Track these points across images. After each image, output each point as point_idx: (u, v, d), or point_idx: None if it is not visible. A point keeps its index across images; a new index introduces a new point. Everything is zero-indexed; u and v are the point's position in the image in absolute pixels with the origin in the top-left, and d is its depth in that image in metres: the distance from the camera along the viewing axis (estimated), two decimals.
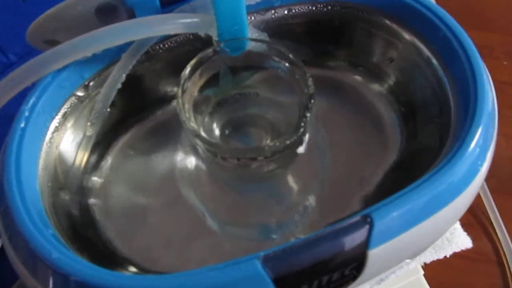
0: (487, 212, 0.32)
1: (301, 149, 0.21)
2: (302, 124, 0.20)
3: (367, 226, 0.17)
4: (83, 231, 0.21)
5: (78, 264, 0.16)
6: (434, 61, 0.22)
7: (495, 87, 0.21)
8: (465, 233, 0.30)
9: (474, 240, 0.29)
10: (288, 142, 0.19)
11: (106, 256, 0.21)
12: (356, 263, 0.17)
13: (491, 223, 0.31)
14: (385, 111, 0.25)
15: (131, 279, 0.16)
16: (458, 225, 0.30)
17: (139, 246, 0.22)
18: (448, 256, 0.29)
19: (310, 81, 0.20)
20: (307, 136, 0.21)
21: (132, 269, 0.21)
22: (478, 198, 0.32)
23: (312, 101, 0.20)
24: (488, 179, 0.31)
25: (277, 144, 0.19)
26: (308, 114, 0.20)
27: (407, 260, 0.21)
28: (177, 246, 0.22)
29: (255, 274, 0.16)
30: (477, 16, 0.42)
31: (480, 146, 0.19)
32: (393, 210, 0.17)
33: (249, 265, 0.16)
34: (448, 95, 0.21)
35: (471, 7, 0.42)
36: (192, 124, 0.20)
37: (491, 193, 0.32)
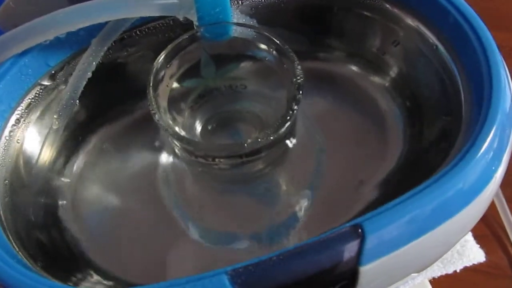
0: (503, 223, 0.29)
1: (289, 144, 0.18)
2: (289, 117, 0.17)
3: (357, 238, 0.14)
4: (45, 234, 0.19)
5: (12, 270, 0.14)
6: (443, 50, 0.19)
7: None
8: (477, 246, 0.27)
9: (488, 253, 0.27)
10: (271, 138, 0.17)
11: (70, 261, 0.19)
12: (345, 281, 0.15)
13: (507, 235, 0.29)
14: (387, 107, 0.22)
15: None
16: (470, 237, 0.28)
17: (109, 252, 0.20)
18: (458, 271, 0.26)
19: (299, 70, 0.18)
20: (295, 131, 0.19)
21: (96, 276, 0.19)
22: (493, 208, 0.30)
23: (301, 92, 0.18)
24: (504, 187, 0.29)
25: (259, 140, 0.17)
26: (295, 107, 0.17)
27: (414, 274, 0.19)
28: (151, 253, 0.20)
29: None
30: (496, 15, 0.39)
31: (494, 149, 0.16)
32: (390, 220, 0.15)
33: (215, 281, 0.14)
34: (459, 89, 0.19)
35: (489, 6, 0.40)
36: (162, 118, 0.18)
37: (507, 203, 0.30)
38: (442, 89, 0.20)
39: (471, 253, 0.27)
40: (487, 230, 0.30)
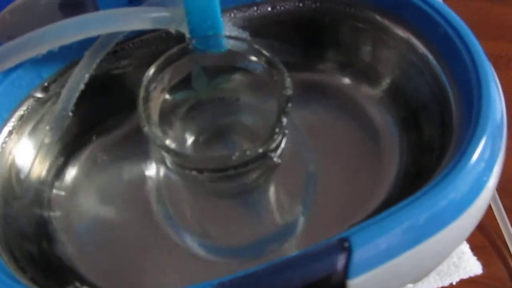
0: (502, 234, 0.29)
1: (277, 159, 0.18)
2: (277, 130, 0.17)
3: (344, 252, 0.14)
4: (36, 246, 0.19)
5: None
6: (434, 61, 0.19)
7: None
8: (474, 258, 0.27)
9: (487, 264, 0.27)
10: (260, 150, 0.17)
11: (59, 273, 0.19)
12: None
13: (507, 246, 0.29)
14: (381, 118, 0.22)
15: None
16: (467, 249, 0.27)
17: (99, 265, 0.20)
18: (454, 283, 0.26)
19: (288, 82, 0.18)
20: (283, 143, 0.19)
21: None
22: (492, 218, 0.30)
23: (290, 104, 0.18)
24: (504, 198, 0.29)
25: (247, 153, 0.17)
26: (284, 119, 0.17)
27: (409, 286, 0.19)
28: (143, 266, 0.20)
29: None
30: (495, 25, 0.39)
31: (485, 159, 0.16)
32: (377, 233, 0.15)
33: None
34: (450, 100, 0.19)
35: (489, 15, 0.40)
36: (151, 130, 0.18)
37: (506, 213, 0.29)
38: (435, 100, 0.20)
39: (468, 265, 0.27)
40: (486, 241, 0.30)
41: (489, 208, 0.29)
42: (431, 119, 0.20)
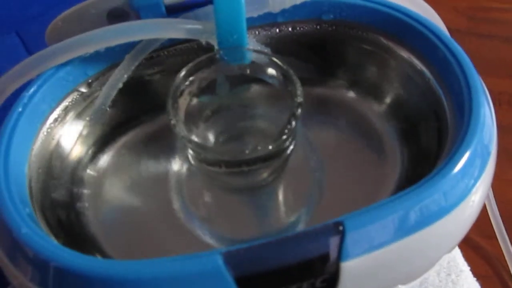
0: (507, 265, 0.30)
1: (285, 159, 0.20)
2: (287, 131, 0.19)
3: (338, 234, 0.16)
4: (65, 215, 0.21)
5: (45, 242, 0.16)
6: (433, 80, 0.21)
7: None
8: (474, 279, 0.28)
9: None
10: (270, 147, 0.19)
11: (82, 245, 0.21)
12: (327, 275, 0.17)
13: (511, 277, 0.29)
14: (385, 130, 0.24)
15: (77, 258, 0.16)
16: (465, 267, 0.28)
17: (118, 242, 0.22)
18: None
19: (300, 91, 0.20)
20: (292, 146, 0.21)
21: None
22: (497, 249, 0.30)
23: (300, 110, 0.20)
24: (510, 229, 0.30)
25: (259, 148, 0.19)
26: (294, 122, 0.20)
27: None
28: (156, 248, 0.22)
29: (216, 269, 0.15)
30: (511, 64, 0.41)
31: (469, 173, 0.18)
32: (370, 220, 0.16)
33: (211, 259, 0.16)
34: (446, 116, 0.21)
35: (505, 55, 0.41)
36: (178, 124, 0.20)
37: None
38: (433, 116, 0.22)
39: (466, 283, 0.28)
40: (491, 271, 0.31)
41: (495, 238, 0.30)
42: (430, 133, 0.22)
